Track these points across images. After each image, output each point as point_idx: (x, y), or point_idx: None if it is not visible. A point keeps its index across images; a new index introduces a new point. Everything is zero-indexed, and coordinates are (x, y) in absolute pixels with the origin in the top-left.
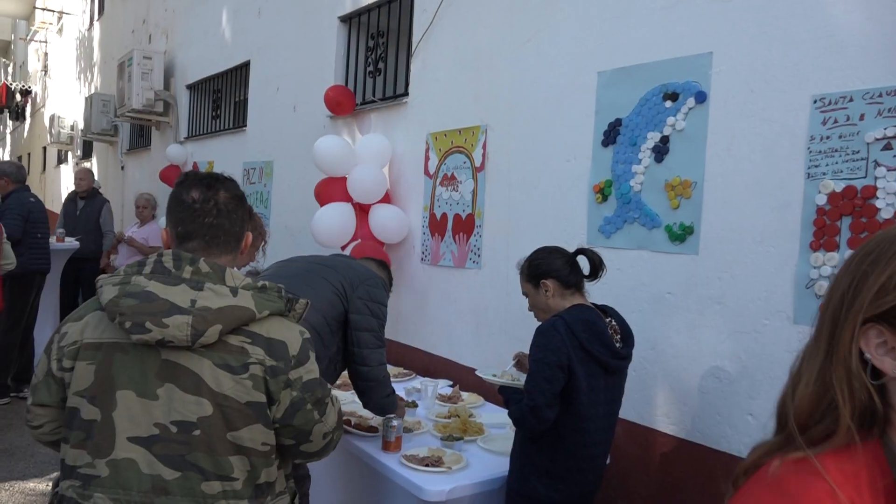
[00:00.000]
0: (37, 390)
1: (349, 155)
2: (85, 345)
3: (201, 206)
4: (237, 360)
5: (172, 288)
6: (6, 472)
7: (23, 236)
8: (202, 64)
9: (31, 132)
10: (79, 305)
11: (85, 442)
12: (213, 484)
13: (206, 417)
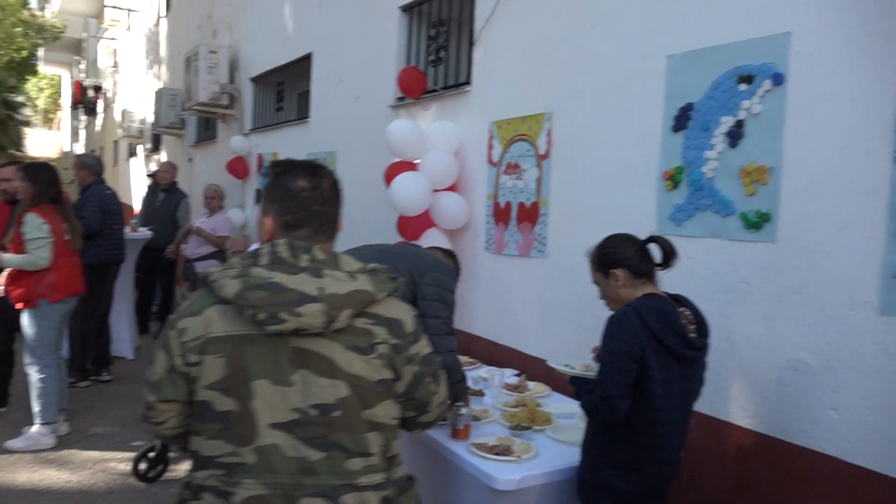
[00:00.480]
0: (160, 387)
1: (420, 140)
2: (211, 339)
3: (309, 194)
4: (364, 341)
5: (294, 277)
6: (89, 452)
7: (101, 228)
8: (265, 57)
9: (104, 127)
10: (155, 294)
11: (223, 432)
12: (356, 461)
13: (343, 398)
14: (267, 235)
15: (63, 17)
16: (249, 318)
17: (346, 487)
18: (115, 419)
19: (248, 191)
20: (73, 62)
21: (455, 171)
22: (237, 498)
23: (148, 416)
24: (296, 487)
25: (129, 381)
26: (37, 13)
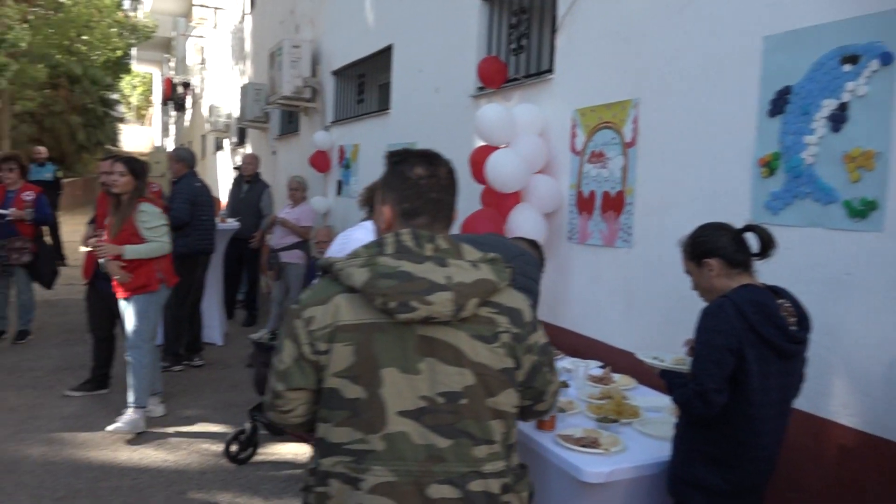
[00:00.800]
0: (289, 376)
1: (510, 124)
2: (341, 327)
3: (427, 182)
4: (488, 330)
5: (421, 266)
6: (183, 433)
7: (190, 219)
8: (346, 50)
9: (192, 122)
10: (241, 282)
11: (351, 419)
12: (482, 448)
13: (470, 386)
14: (385, 224)
15: (154, 17)
16: (380, 306)
17: (472, 475)
18: (207, 402)
19: (331, 182)
20: (163, 60)
21: (544, 155)
22: (366, 485)
23: (275, 404)
24: (424, 474)
25: (219, 367)
26: (130, 14)
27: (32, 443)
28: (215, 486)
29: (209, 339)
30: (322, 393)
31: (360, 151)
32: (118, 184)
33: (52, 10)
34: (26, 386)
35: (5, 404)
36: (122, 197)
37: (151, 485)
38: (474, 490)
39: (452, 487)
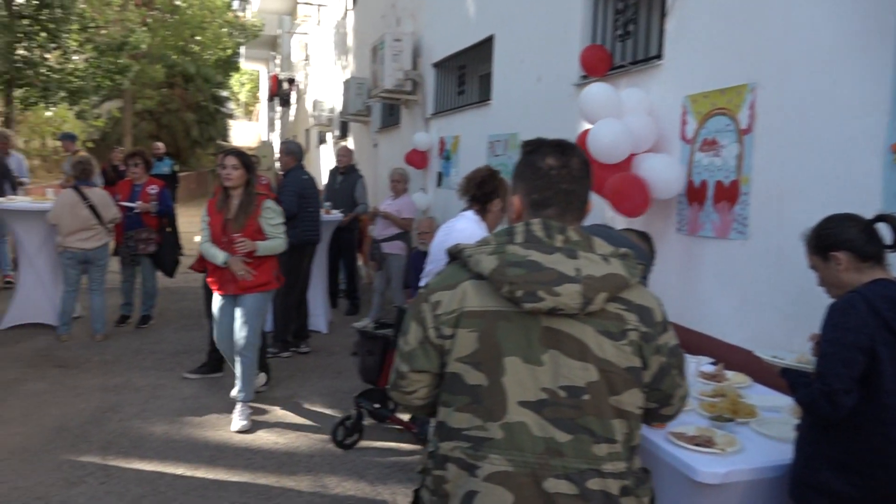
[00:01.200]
0: (413, 357)
1: (616, 104)
2: (466, 313)
3: (557, 173)
4: (616, 326)
5: (550, 256)
6: (292, 417)
7: (298, 211)
8: (447, 42)
9: (296, 116)
10: (338, 270)
11: (471, 406)
12: (602, 446)
13: (593, 382)
14: (515, 214)
15: (261, 16)
16: (506, 294)
17: (591, 472)
18: (314, 388)
19: (430, 174)
20: (269, 58)
21: (653, 133)
22: (482, 472)
23: (399, 384)
24: (542, 467)
25: (325, 354)
26: (239, 14)
27: (156, 421)
28: (323, 470)
29: (314, 327)
30: (444, 377)
31: (460, 143)
32: (231, 177)
33: (169, 13)
34: (149, 367)
35: (131, 384)
36: (232, 191)
37: (264, 465)
38: (592, 488)
39: (570, 483)
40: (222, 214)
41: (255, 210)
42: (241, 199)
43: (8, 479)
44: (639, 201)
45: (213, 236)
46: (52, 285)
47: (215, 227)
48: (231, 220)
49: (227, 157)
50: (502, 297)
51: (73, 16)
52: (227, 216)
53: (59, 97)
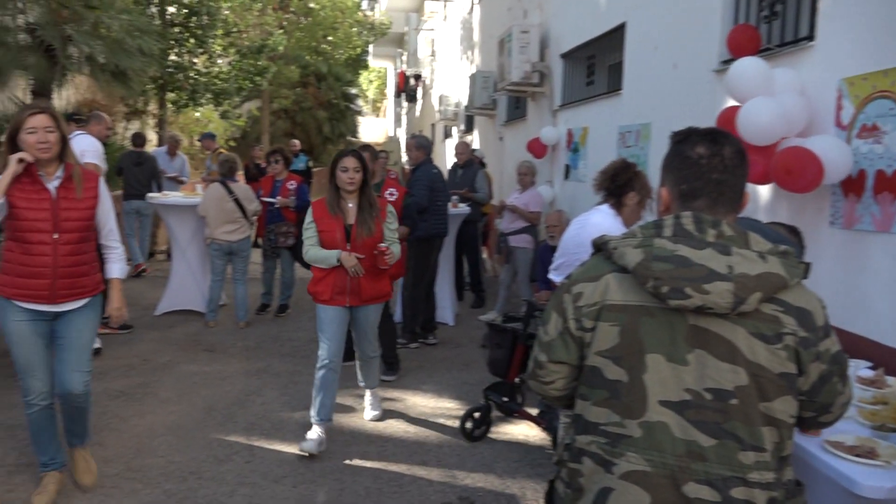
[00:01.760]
0: (552, 348)
1: (767, 81)
2: (608, 306)
3: (708, 162)
4: (771, 329)
5: (701, 252)
6: (421, 407)
7: (428, 204)
8: (576, 32)
9: (422, 112)
10: (463, 261)
11: (610, 401)
12: (749, 454)
13: (742, 387)
14: (663, 206)
15: (389, 14)
16: (651, 289)
17: (736, 480)
18: (441, 379)
19: (557, 166)
20: (396, 55)
21: (805, 117)
22: (618, 469)
23: (537, 374)
24: (682, 470)
25: (452, 346)
26: (368, 13)
27: (295, 406)
28: (452, 461)
29: (441, 318)
30: (583, 370)
31: (588, 134)
32: (354, 181)
33: (303, 16)
34: (287, 354)
35: (271, 369)
36: (348, 194)
37: (394, 453)
38: (736, 497)
39: (712, 490)
40: (339, 219)
41: (381, 213)
42: (360, 201)
43: (166, 453)
44: (811, 177)
45: (330, 245)
46: (201, 275)
47: (332, 233)
48: (356, 225)
49: (348, 159)
50: (646, 292)
51: (219, 22)
52: (347, 221)
53: (206, 99)
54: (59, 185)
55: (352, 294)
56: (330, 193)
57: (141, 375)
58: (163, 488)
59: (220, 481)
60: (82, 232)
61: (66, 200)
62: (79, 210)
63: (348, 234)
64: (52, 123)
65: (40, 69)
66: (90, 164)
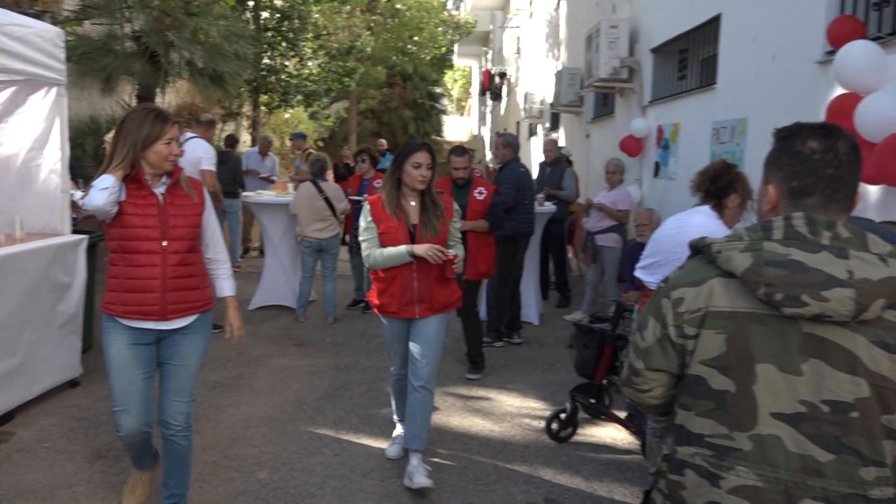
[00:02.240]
0: (650, 355)
1: (881, 67)
2: (713, 313)
3: (821, 157)
4: (894, 337)
5: (815, 256)
6: (506, 406)
7: (515, 203)
8: (667, 25)
9: (507, 110)
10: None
11: (716, 412)
12: (870, 469)
13: (863, 399)
14: (769, 206)
15: (474, 13)
16: (762, 296)
17: (856, 498)
18: (527, 379)
19: (646, 164)
20: (481, 53)
21: None
22: (726, 483)
23: (633, 381)
24: (797, 486)
25: (537, 345)
26: (453, 13)
27: (381, 402)
28: (538, 461)
29: (526, 318)
30: (685, 378)
31: (679, 131)
32: (427, 178)
33: (390, 17)
34: (374, 350)
35: (359, 365)
36: (411, 191)
37: (480, 451)
38: None
39: None
40: (401, 220)
41: (447, 212)
42: (422, 200)
43: (259, 444)
44: None
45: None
46: (292, 271)
47: (394, 234)
48: (421, 225)
49: (421, 154)
50: (756, 298)
51: (309, 25)
52: (410, 221)
53: (297, 100)
54: (166, 190)
55: (421, 303)
56: (389, 191)
57: (236, 368)
58: (256, 477)
59: (310, 473)
60: (190, 240)
61: (173, 206)
62: (186, 217)
63: (412, 236)
64: (178, 135)
65: (145, 75)
66: (207, 172)
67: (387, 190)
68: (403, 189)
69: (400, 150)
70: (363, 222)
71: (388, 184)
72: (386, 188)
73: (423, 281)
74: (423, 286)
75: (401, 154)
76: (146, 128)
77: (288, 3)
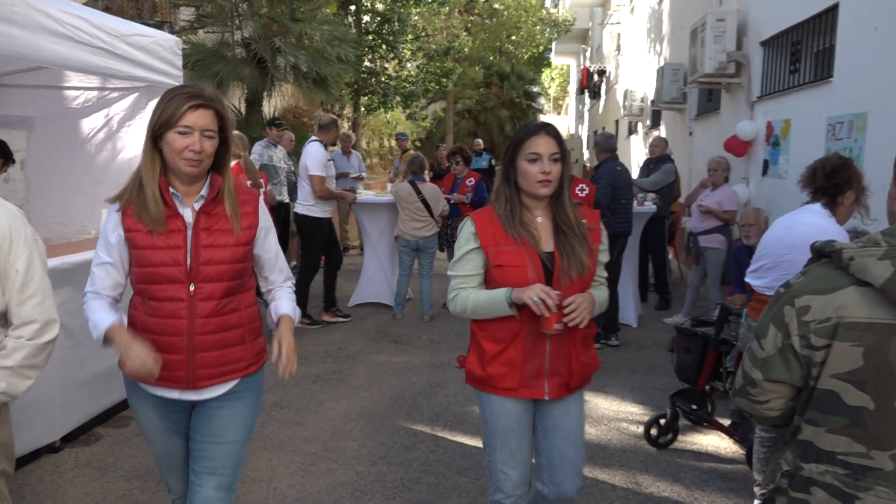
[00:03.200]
0: (770, 365)
1: None
2: (847, 324)
3: None
4: None
5: None
6: (603, 410)
7: (610, 202)
8: (778, 17)
9: (605, 108)
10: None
11: (851, 429)
12: None
13: None
14: None
15: (573, 10)
16: None
17: None
18: (624, 382)
19: (753, 163)
20: (579, 51)
21: None
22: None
23: (748, 392)
24: None
25: (635, 348)
26: (552, 11)
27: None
28: (636, 467)
29: (624, 320)
30: (813, 393)
31: (791, 127)
32: (552, 180)
33: (488, 17)
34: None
35: (454, 363)
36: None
37: None
38: None
39: None
40: (528, 245)
41: (593, 235)
42: (554, 213)
43: (358, 437)
44: None
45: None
46: (390, 270)
47: (520, 267)
48: (560, 254)
49: (539, 139)
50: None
51: (408, 27)
52: (542, 247)
53: (395, 102)
54: (201, 208)
55: (553, 376)
56: (503, 201)
57: (336, 363)
58: (355, 469)
59: (406, 468)
60: (231, 281)
61: (208, 234)
62: (226, 248)
63: (548, 271)
64: (216, 126)
65: (253, 79)
66: (314, 178)
67: (501, 199)
68: (525, 196)
69: (511, 140)
70: (462, 246)
71: (500, 190)
72: (499, 197)
73: (561, 343)
74: (560, 351)
75: (512, 144)
76: (160, 110)
77: (388, 6)
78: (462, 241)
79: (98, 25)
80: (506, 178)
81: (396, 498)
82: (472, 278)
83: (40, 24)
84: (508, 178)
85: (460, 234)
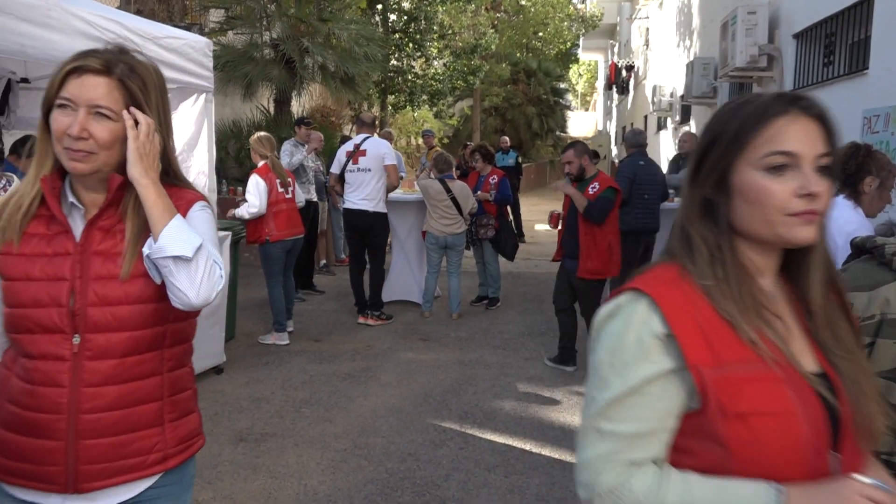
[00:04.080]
0: None
1: None
2: (890, 320)
3: None
4: None
5: None
6: None
7: (629, 196)
8: (811, 9)
9: (634, 103)
10: None
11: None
12: None
13: None
14: None
15: (600, 6)
16: None
17: None
18: None
19: None
20: (607, 47)
21: None
22: None
23: None
24: None
25: None
26: (579, 7)
27: (505, 397)
28: None
29: None
30: None
31: None
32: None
33: (515, 14)
34: (497, 346)
35: (483, 361)
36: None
37: None
38: None
39: None
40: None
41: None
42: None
43: (387, 434)
44: None
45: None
46: (418, 267)
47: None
48: (844, 375)
49: (802, 122)
50: None
51: (435, 25)
52: (802, 364)
53: (422, 100)
54: (91, 221)
55: None
56: (705, 255)
57: (365, 360)
58: (385, 466)
59: (435, 465)
60: (145, 327)
61: (104, 260)
62: (133, 281)
63: (835, 420)
64: (121, 102)
65: (282, 79)
66: (391, 167)
67: (701, 253)
68: (744, 248)
69: (716, 125)
70: (627, 361)
71: (693, 233)
72: (693, 248)
73: None
74: None
75: (718, 136)
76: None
77: (415, 4)
78: (619, 348)
79: (131, 28)
80: (705, 208)
81: (426, 495)
82: (652, 439)
83: (76, 28)
84: (713, 210)
85: (609, 326)
